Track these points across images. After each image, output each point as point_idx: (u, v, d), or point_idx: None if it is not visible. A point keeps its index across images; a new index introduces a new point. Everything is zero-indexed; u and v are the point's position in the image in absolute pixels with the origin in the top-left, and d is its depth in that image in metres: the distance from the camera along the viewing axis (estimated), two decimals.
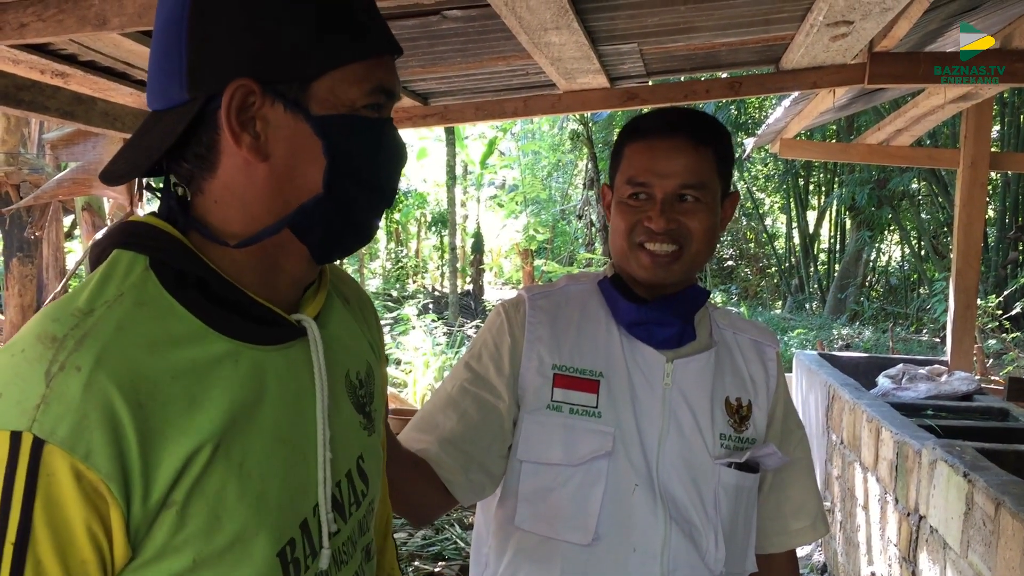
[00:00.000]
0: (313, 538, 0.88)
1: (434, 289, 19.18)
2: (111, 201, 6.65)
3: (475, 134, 20.30)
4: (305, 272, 0.92)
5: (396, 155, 0.93)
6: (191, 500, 0.77)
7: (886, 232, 17.32)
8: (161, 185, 0.89)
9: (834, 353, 6.30)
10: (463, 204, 20.71)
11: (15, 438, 0.71)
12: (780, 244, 20.04)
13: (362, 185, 0.89)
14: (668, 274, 1.41)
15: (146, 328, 0.78)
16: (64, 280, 6.74)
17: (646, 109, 1.48)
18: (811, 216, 18.84)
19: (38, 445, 0.71)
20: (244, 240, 0.85)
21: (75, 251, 12.18)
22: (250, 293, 0.85)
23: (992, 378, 6.46)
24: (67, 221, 8.47)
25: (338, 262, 1.01)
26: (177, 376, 0.78)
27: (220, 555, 0.78)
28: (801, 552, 5.33)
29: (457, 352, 10.26)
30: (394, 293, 17.51)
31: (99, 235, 0.90)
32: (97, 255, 0.84)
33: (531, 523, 1.39)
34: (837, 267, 17.42)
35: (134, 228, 0.85)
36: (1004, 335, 11.17)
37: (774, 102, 12.22)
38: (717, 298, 16.29)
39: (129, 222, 0.86)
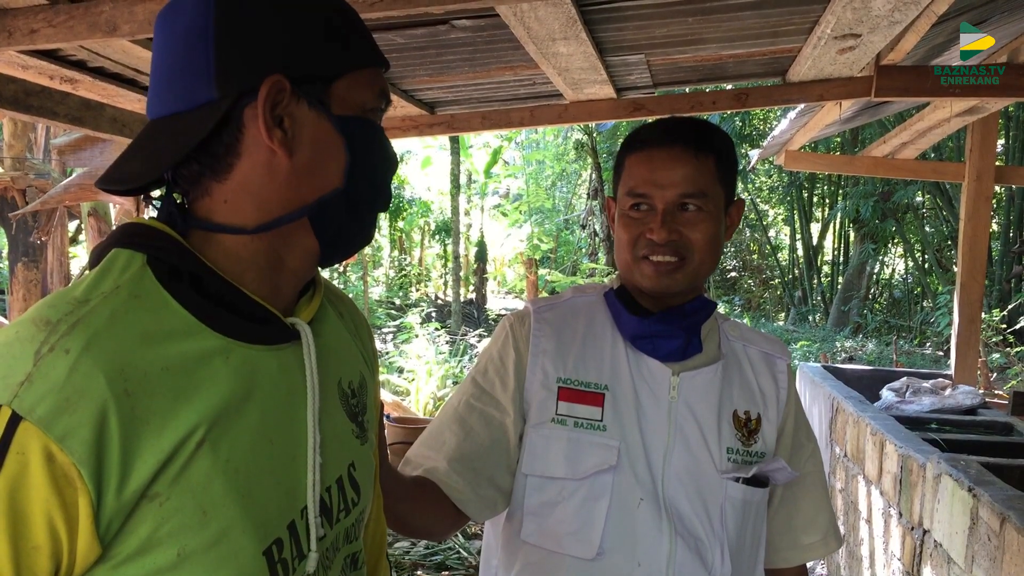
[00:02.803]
0: (301, 540, 0.88)
1: (437, 298, 19.18)
2: (117, 207, 6.66)
3: (479, 143, 20.34)
4: (306, 270, 0.95)
5: (394, 159, 0.99)
6: (176, 493, 0.77)
7: (890, 245, 17.31)
8: (161, 194, 0.92)
9: (838, 366, 6.28)
10: (467, 213, 20.74)
11: None
12: (784, 256, 20.03)
13: (373, 183, 0.94)
14: (672, 282, 1.41)
15: (139, 320, 0.80)
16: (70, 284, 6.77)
17: (652, 120, 1.48)
18: (815, 228, 18.83)
19: (15, 420, 0.71)
20: (261, 225, 0.88)
21: (80, 256, 12.21)
22: (247, 291, 0.87)
23: (996, 392, 6.45)
24: (72, 226, 8.50)
25: (340, 269, 1.03)
26: (167, 368, 0.79)
27: (205, 550, 0.79)
28: None
29: (460, 360, 10.26)
30: (397, 301, 17.52)
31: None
32: (97, 256, 0.86)
33: (537, 537, 1.39)
34: (841, 279, 17.40)
35: (132, 229, 0.87)
36: (1008, 349, 11.15)
37: (779, 114, 12.23)
38: (720, 309, 16.25)
39: (128, 223, 0.89)
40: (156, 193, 0.92)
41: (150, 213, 0.92)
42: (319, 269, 1.00)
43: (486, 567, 1.54)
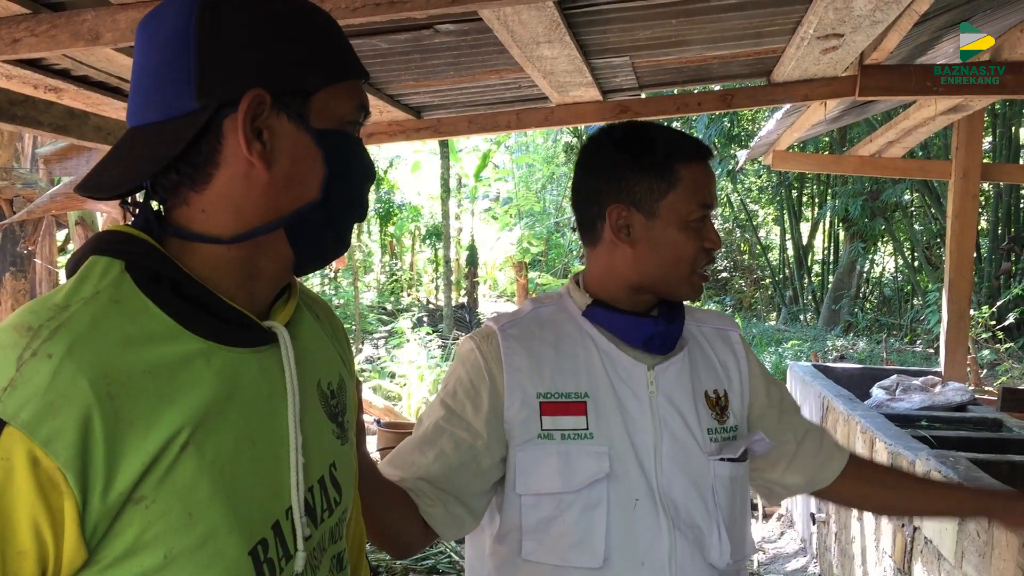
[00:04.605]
0: (286, 540, 0.89)
1: (429, 302, 19.16)
2: (105, 215, 6.64)
3: (469, 147, 20.32)
4: (282, 277, 0.96)
5: (371, 171, 0.99)
6: (162, 495, 0.78)
7: (879, 243, 17.35)
8: (140, 199, 0.92)
9: (828, 364, 6.30)
10: (457, 217, 20.72)
11: None
12: (774, 256, 20.06)
13: (349, 195, 0.95)
14: None
15: (120, 324, 0.80)
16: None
17: (663, 129, 1.49)
18: (804, 228, 18.87)
19: None
20: (238, 236, 0.88)
21: None
22: (223, 297, 0.88)
23: (986, 388, 6.47)
24: (60, 235, 8.47)
25: (331, 275, 1.04)
26: (150, 371, 0.79)
27: (192, 552, 0.79)
28: (796, 564, 5.32)
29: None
30: (389, 306, 17.50)
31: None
32: (74, 263, 0.87)
33: (539, 555, 1.38)
34: (831, 278, 17.43)
35: (110, 236, 0.87)
36: (997, 345, 11.18)
37: (767, 114, 12.27)
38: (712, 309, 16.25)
39: (105, 231, 0.89)
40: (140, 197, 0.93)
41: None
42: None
43: None
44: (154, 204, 0.91)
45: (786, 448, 1.59)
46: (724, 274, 20.78)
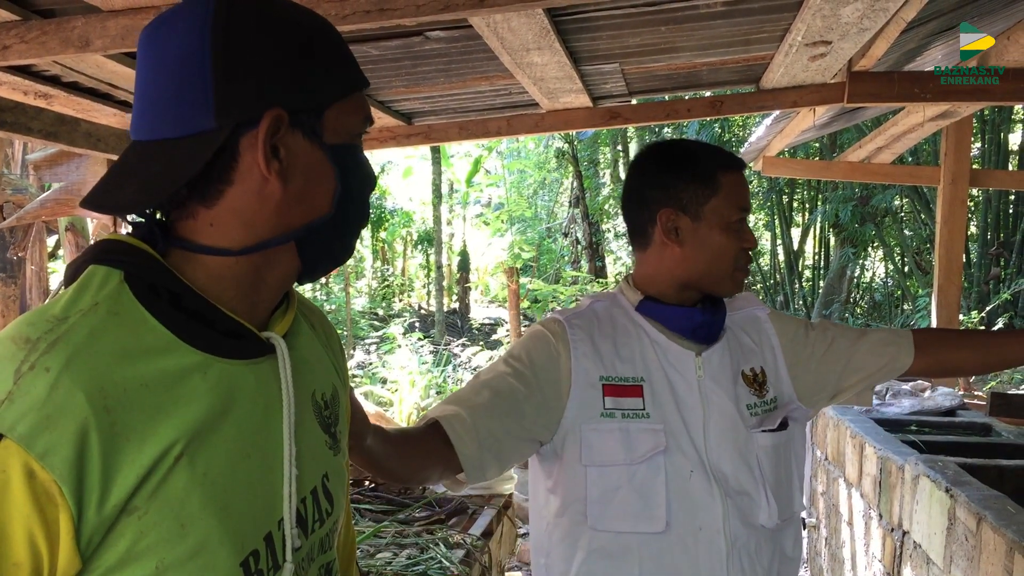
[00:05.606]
0: (276, 551, 0.89)
1: (420, 308, 19.18)
2: (95, 221, 6.62)
3: (460, 152, 20.34)
4: (285, 287, 0.96)
5: (374, 177, 1.01)
6: (154, 507, 0.78)
7: (869, 249, 17.40)
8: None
9: None
10: (449, 222, 20.72)
11: None
12: (765, 261, 20.09)
13: (358, 205, 0.96)
14: None
15: (118, 337, 0.80)
16: (47, 300, 6.72)
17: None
18: (795, 233, 18.91)
19: None
20: (247, 248, 0.88)
21: (59, 271, 12.11)
22: (222, 308, 0.88)
23: (975, 393, 6.48)
24: (51, 241, 8.44)
25: (323, 280, 1.04)
26: (146, 384, 0.80)
27: (183, 563, 0.80)
28: None
29: (443, 371, 10.24)
30: (380, 312, 17.49)
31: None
32: (73, 272, 0.86)
33: (605, 522, 1.53)
34: (822, 284, 17.48)
35: (110, 245, 0.87)
36: None
37: (757, 120, 12.30)
38: None
39: (104, 240, 0.88)
40: None
41: (126, 228, 0.92)
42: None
43: (536, 567, 1.70)
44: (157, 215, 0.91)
45: (853, 358, 1.71)
46: None
